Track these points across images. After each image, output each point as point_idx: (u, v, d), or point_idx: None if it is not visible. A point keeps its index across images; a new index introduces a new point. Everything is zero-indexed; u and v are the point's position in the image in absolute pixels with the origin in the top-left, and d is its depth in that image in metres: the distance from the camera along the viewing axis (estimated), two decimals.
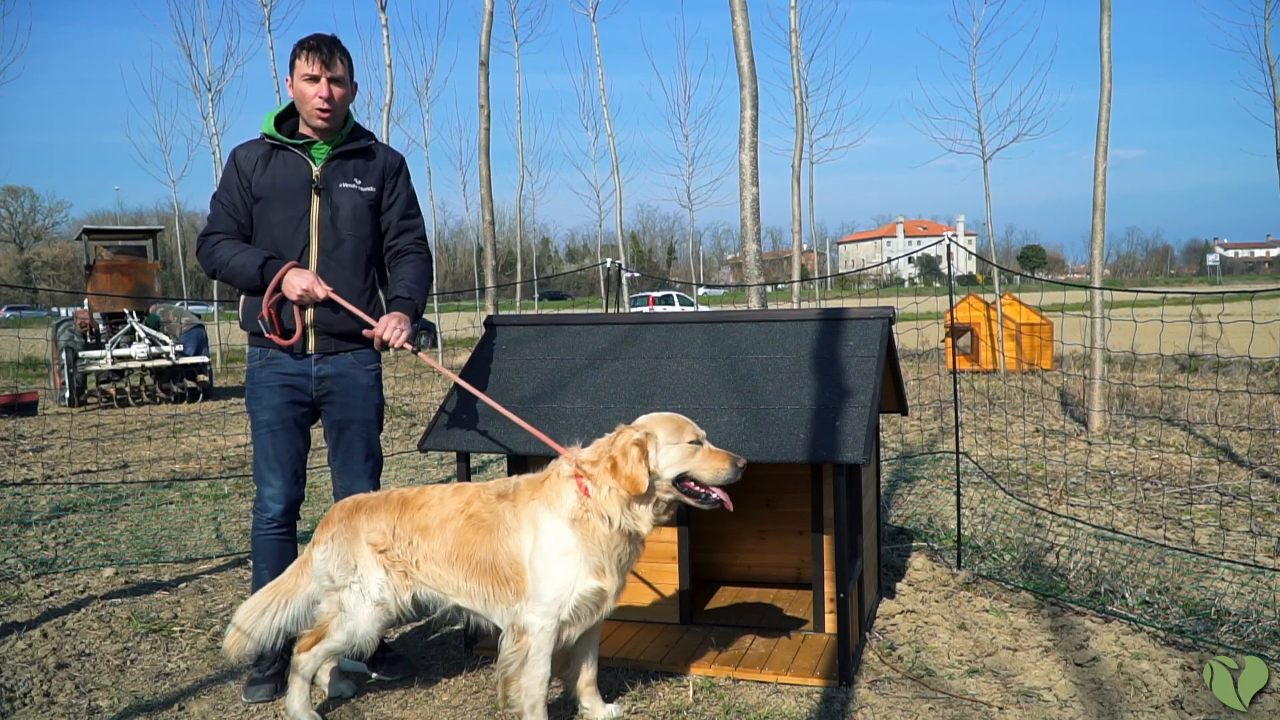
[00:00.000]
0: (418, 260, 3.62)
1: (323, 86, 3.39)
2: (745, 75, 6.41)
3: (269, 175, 3.45)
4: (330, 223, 3.45)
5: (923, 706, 3.29)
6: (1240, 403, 10.18)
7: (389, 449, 9.15)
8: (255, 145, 3.51)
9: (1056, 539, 5.12)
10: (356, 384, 3.53)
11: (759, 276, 6.48)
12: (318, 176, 3.45)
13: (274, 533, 3.52)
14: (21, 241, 76.93)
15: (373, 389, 3.57)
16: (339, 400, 3.51)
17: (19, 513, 6.45)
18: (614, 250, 29.80)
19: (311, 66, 3.37)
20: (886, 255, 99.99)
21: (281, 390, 3.46)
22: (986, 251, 18.51)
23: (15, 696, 3.47)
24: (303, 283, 3.34)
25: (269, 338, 3.40)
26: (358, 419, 3.55)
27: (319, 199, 3.44)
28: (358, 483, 3.55)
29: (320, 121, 3.42)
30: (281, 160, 3.47)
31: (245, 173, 3.46)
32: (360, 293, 3.48)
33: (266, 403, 3.46)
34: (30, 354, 21.15)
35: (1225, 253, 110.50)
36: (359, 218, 3.49)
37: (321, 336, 3.46)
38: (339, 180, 3.47)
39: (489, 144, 10.95)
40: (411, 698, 3.44)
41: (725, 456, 2.95)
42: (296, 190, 3.44)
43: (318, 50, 3.38)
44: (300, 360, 3.45)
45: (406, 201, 3.63)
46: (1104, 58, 8.65)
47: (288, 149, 3.48)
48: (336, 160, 3.49)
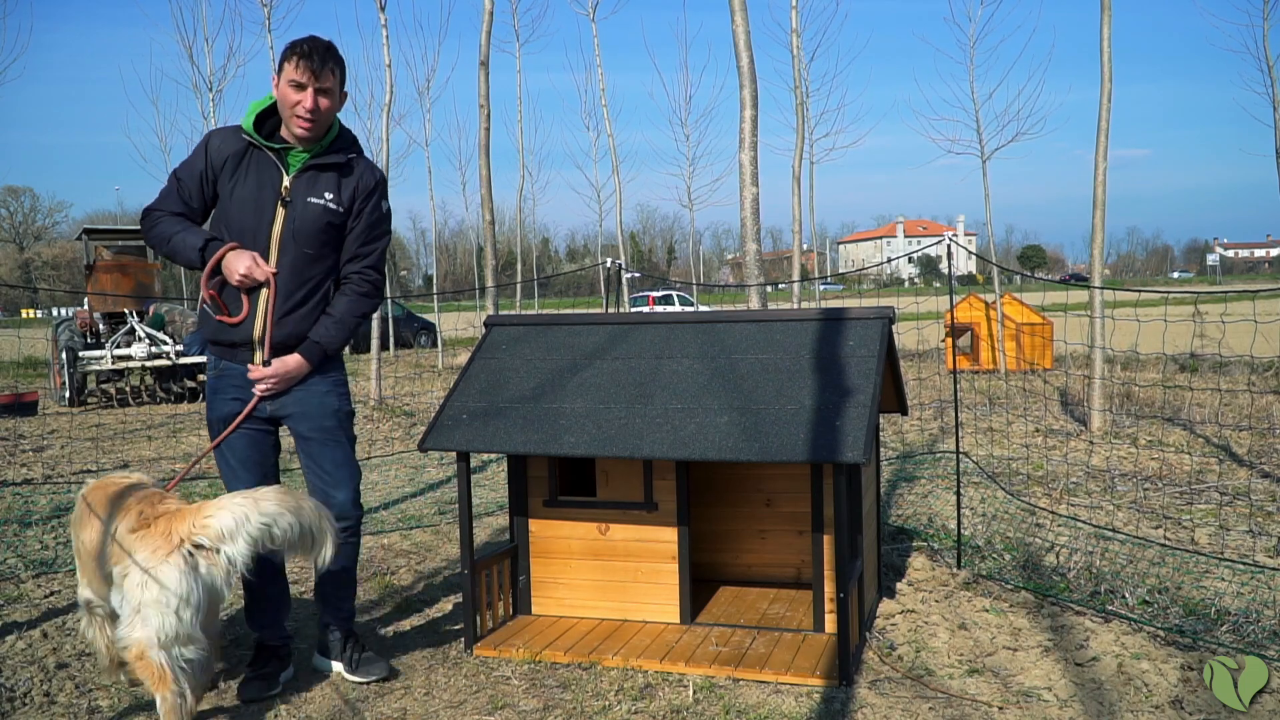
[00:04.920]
0: (353, 296, 3.47)
1: (308, 97, 3.24)
2: (745, 75, 6.41)
3: (238, 176, 3.32)
4: (291, 237, 3.33)
5: (923, 706, 3.29)
6: (1240, 402, 10.18)
7: (389, 449, 9.15)
8: (232, 137, 3.37)
9: (1056, 539, 5.12)
10: (311, 392, 3.42)
11: (759, 276, 6.48)
12: (286, 189, 3.33)
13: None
14: (21, 241, 76.96)
15: (329, 394, 3.46)
16: (296, 412, 3.41)
17: (19, 513, 6.45)
18: (614, 250, 29.81)
19: (300, 74, 3.23)
20: (886, 255, 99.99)
21: (233, 400, 3.37)
22: (986, 251, 18.52)
23: (15, 696, 3.47)
24: (242, 265, 3.24)
25: (219, 319, 3.33)
26: (324, 427, 3.45)
27: (284, 211, 3.32)
28: (337, 493, 3.47)
29: (301, 131, 3.30)
30: (255, 162, 3.35)
31: (214, 165, 3.33)
32: (312, 309, 3.39)
33: (219, 412, 3.38)
34: (30, 354, 21.16)
35: (1225, 252, 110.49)
36: (322, 234, 3.37)
37: (274, 351, 3.34)
38: (308, 194, 3.35)
39: (489, 144, 10.93)
40: (411, 698, 3.44)
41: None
42: (262, 198, 3.32)
43: (309, 58, 3.23)
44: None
45: (369, 226, 3.47)
46: (1104, 57, 8.64)
47: (263, 151, 3.35)
48: (311, 171, 3.37)
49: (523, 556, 4.20)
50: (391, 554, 5.42)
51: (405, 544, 5.63)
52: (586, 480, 4.17)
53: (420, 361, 22.36)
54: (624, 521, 4.05)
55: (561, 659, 3.72)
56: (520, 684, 3.52)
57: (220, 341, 3.40)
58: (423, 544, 5.63)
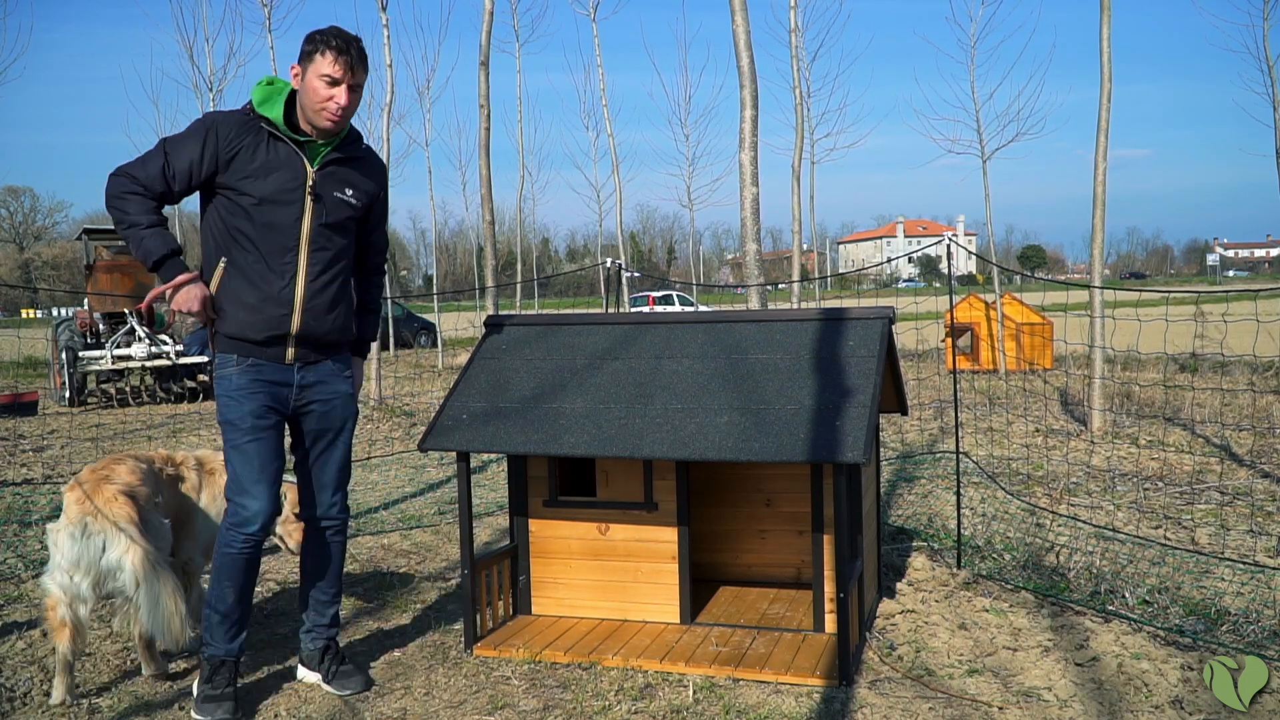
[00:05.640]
0: (378, 284, 3.61)
1: (343, 94, 3.17)
2: (745, 75, 6.41)
3: (258, 166, 3.18)
4: (322, 231, 3.28)
5: (923, 706, 3.29)
6: (1241, 402, 10.18)
7: (389, 449, 9.15)
8: (243, 123, 3.21)
9: (1057, 539, 5.12)
10: (338, 392, 3.42)
11: (759, 276, 6.48)
12: (314, 181, 3.26)
13: (249, 550, 3.27)
14: (21, 241, 76.96)
15: (352, 397, 3.48)
16: (319, 410, 3.38)
17: (19, 513, 6.45)
18: (614, 250, 29.80)
19: (335, 69, 3.15)
20: (886, 255, 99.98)
21: (263, 396, 3.26)
22: (986, 251, 18.52)
23: (15, 696, 3.47)
24: (195, 304, 3.16)
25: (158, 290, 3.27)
26: (336, 428, 3.44)
27: (313, 204, 3.24)
28: (327, 493, 3.46)
29: (329, 126, 3.22)
30: (275, 152, 3.22)
31: (221, 155, 3.17)
32: (340, 300, 3.37)
33: (248, 408, 3.23)
34: (30, 354, 21.16)
35: (1225, 252, 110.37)
36: (346, 226, 3.36)
37: (302, 346, 3.31)
38: (334, 188, 3.31)
39: (489, 144, 10.92)
40: (411, 698, 3.44)
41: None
42: (292, 191, 3.23)
43: (345, 54, 3.16)
44: (283, 368, 3.29)
45: (380, 215, 3.52)
46: (1104, 57, 8.64)
47: (284, 141, 3.23)
48: (333, 165, 3.31)
49: (523, 556, 4.20)
50: (391, 554, 5.42)
51: (405, 544, 5.63)
52: (586, 480, 4.17)
53: (420, 361, 22.37)
54: (624, 521, 4.06)
55: (561, 659, 3.72)
56: (520, 684, 3.52)
57: (245, 338, 3.25)
58: (423, 544, 5.63)
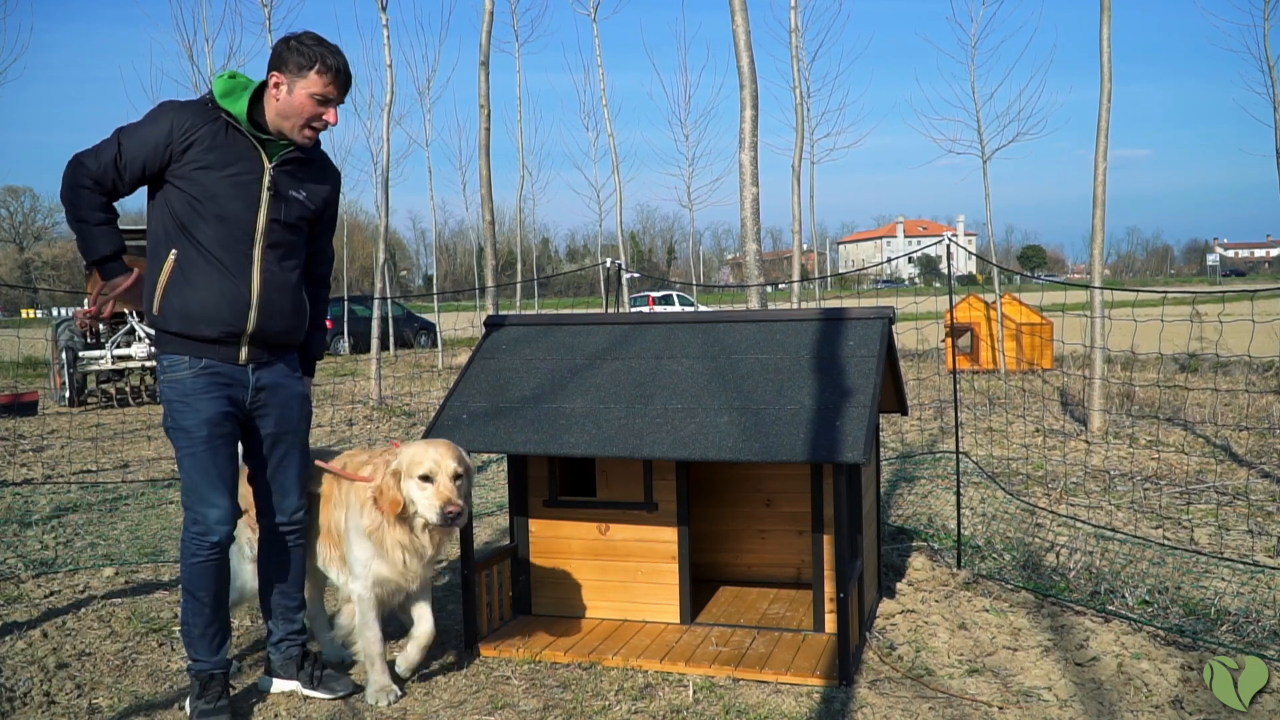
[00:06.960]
0: (324, 298, 3.57)
1: (333, 114, 3.22)
2: (745, 75, 6.41)
3: (216, 156, 3.13)
4: (278, 226, 3.25)
5: (923, 706, 3.29)
6: (1240, 402, 10.18)
7: None
8: (199, 114, 3.15)
9: (1056, 539, 5.12)
10: (293, 393, 3.38)
11: (759, 276, 6.48)
12: (272, 178, 3.21)
13: (215, 557, 3.21)
14: (21, 241, 76.92)
15: (306, 398, 3.45)
16: (274, 412, 3.32)
17: (19, 513, 6.45)
18: (614, 250, 29.78)
19: (330, 90, 3.17)
20: (886, 255, 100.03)
21: (219, 400, 3.18)
22: (986, 251, 18.52)
23: (15, 696, 3.47)
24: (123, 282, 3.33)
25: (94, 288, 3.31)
26: (292, 430, 3.40)
27: (270, 200, 3.21)
28: (291, 498, 3.43)
29: (307, 141, 3.25)
30: (234, 144, 3.17)
31: (178, 144, 3.11)
32: (294, 299, 3.33)
33: (205, 414, 3.14)
34: (30, 354, 21.15)
35: (1225, 252, 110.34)
36: (300, 226, 3.33)
37: (256, 346, 3.25)
38: (290, 187, 3.28)
39: (489, 144, 10.92)
40: (411, 698, 3.44)
41: (442, 498, 3.24)
42: (251, 185, 3.18)
43: (341, 76, 3.20)
44: (237, 369, 3.22)
45: (328, 222, 3.48)
46: (1104, 57, 8.65)
47: (242, 134, 3.18)
48: (290, 165, 3.26)
49: (523, 556, 4.20)
50: None
51: None
52: (587, 480, 4.17)
53: (420, 361, 22.36)
54: (624, 521, 4.06)
55: (562, 659, 3.72)
56: (520, 684, 3.52)
57: (195, 336, 3.17)
58: None
